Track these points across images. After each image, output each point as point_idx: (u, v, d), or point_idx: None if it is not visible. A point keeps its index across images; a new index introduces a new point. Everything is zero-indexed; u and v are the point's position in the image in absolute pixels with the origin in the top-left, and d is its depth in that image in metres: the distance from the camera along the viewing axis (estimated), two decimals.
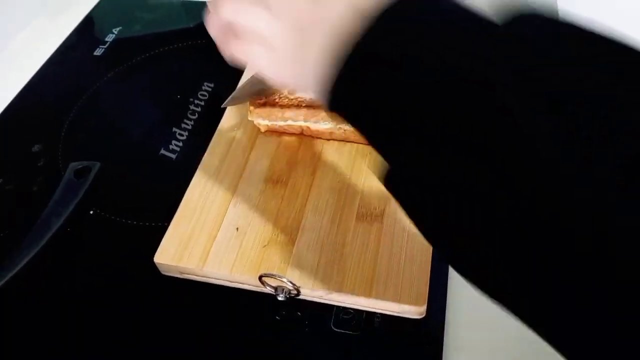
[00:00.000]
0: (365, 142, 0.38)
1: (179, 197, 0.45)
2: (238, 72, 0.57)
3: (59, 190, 0.47)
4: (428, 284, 0.37)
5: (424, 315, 0.37)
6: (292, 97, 0.47)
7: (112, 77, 0.61)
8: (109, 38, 0.66)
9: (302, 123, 0.46)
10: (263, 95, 0.46)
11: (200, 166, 0.47)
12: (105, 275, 0.42)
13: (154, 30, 0.67)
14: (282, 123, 0.47)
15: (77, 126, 0.55)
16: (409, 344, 0.37)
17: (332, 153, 0.47)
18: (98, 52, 0.64)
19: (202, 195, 0.44)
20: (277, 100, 0.46)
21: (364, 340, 0.37)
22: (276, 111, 0.46)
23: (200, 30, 0.65)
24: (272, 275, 0.38)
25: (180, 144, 0.52)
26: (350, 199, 0.43)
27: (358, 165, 0.45)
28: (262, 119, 0.47)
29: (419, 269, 0.38)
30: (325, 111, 0.25)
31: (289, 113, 0.46)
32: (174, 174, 0.50)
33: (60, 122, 0.56)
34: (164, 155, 0.51)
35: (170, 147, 0.52)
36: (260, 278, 0.38)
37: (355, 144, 0.47)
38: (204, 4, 0.30)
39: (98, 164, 0.50)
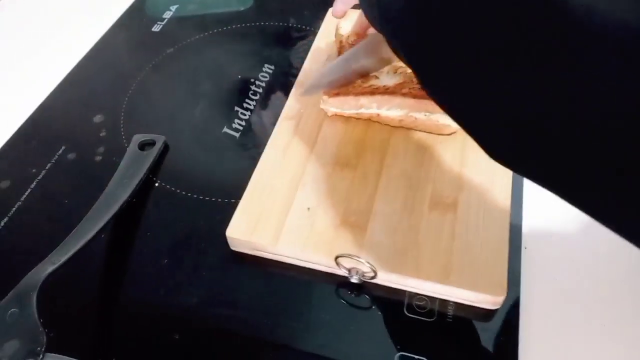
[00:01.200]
0: (436, 130, 0.43)
1: (244, 175, 0.45)
2: (296, 57, 0.58)
3: (124, 161, 0.47)
4: (506, 274, 0.37)
5: (500, 306, 0.37)
6: (365, 85, 0.46)
7: (171, 54, 0.61)
8: (167, 15, 0.66)
9: (374, 111, 0.46)
10: (341, 83, 0.46)
11: (268, 146, 0.47)
12: (172, 249, 0.42)
13: (209, 11, 0.67)
14: (353, 111, 0.47)
15: (137, 100, 0.55)
16: (484, 333, 0.37)
17: (400, 140, 0.46)
18: (156, 28, 0.64)
19: (271, 175, 0.44)
20: (350, 89, 0.46)
21: (439, 327, 0.37)
22: (350, 99, 0.46)
23: (254, 14, 0.67)
24: (350, 255, 0.38)
25: (243, 123, 0.52)
26: (422, 186, 0.43)
27: (428, 153, 0.45)
28: (335, 107, 0.47)
29: (496, 258, 0.38)
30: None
31: (363, 100, 0.45)
32: (237, 151, 0.50)
33: (121, 94, 0.56)
34: (227, 133, 0.51)
35: (234, 125, 0.52)
36: (336, 258, 0.38)
37: (425, 133, 0.46)
38: None
39: (163, 138, 0.50)
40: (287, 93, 0.52)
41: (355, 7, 0.51)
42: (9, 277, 0.36)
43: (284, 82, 0.56)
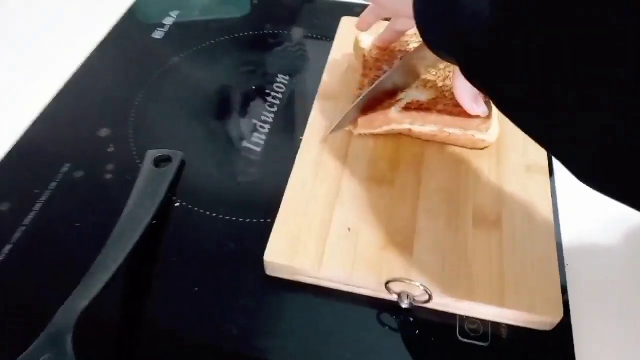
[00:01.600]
0: (469, 144, 0.45)
1: (272, 192, 0.42)
2: (314, 66, 0.55)
3: (140, 180, 0.44)
4: (561, 294, 0.36)
5: (554, 327, 0.36)
6: (394, 100, 0.45)
7: (177, 63, 0.57)
8: (167, 21, 0.62)
9: (405, 127, 0.44)
10: (370, 105, 0.45)
11: (297, 163, 0.44)
12: (203, 275, 0.39)
13: (210, 17, 0.64)
14: (384, 128, 0.45)
15: (146, 111, 0.52)
16: (541, 356, 0.36)
17: (434, 154, 0.45)
18: (157, 34, 0.60)
19: (304, 194, 0.42)
20: (377, 105, 0.44)
21: (494, 352, 0.36)
22: (380, 115, 0.44)
23: (258, 21, 0.64)
24: (403, 279, 0.36)
25: (264, 137, 0.49)
26: (463, 203, 0.41)
27: (464, 168, 0.44)
28: (364, 127, 0.45)
29: (548, 278, 0.37)
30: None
31: (394, 115, 0.43)
32: (261, 167, 0.47)
33: (127, 105, 0.52)
34: (247, 148, 0.48)
35: (253, 139, 0.49)
36: (386, 283, 0.36)
37: (458, 148, 0.45)
38: None
39: (180, 153, 0.46)
40: (306, 105, 0.50)
41: (385, 19, 0.49)
42: (18, 313, 0.32)
43: (301, 92, 0.54)
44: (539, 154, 0.45)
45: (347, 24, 0.58)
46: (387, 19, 0.49)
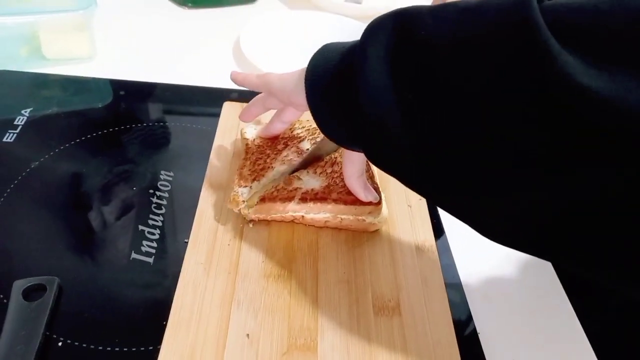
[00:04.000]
0: (361, 229, 0.46)
1: (169, 309, 0.38)
2: (198, 156, 0.52)
3: (8, 321, 0.35)
4: None
5: None
6: (290, 188, 0.44)
7: (36, 170, 0.48)
8: (20, 121, 0.53)
9: (299, 214, 0.44)
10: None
11: (184, 265, 0.41)
12: None
13: (68, 109, 0.56)
14: (278, 215, 0.44)
15: (3, 234, 0.42)
16: None
17: (328, 241, 0.45)
18: (8, 137, 0.51)
19: (195, 300, 0.38)
20: (275, 194, 0.43)
21: None
22: (278, 206, 0.43)
23: (125, 114, 0.58)
24: None
25: (154, 244, 0.43)
26: (362, 291, 0.41)
27: (359, 254, 0.44)
28: (260, 213, 0.43)
29: (450, 355, 0.37)
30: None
31: (292, 206, 0.43)
32: (156, 280, 0.41)
33: None
34: (137, 260, 0.42)
35: (143, 249, 0.43)
36: None
37: (351, 232, 0.46)
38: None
39: (55, 279, 0.39)
40: (197, 199, 0.47)
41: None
42: None
43: (191, 187, 0.49)
44: (428, 233, 0.47)
45: (229, 108, 0.57)
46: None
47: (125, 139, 0.54)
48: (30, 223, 0.44)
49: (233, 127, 0.54)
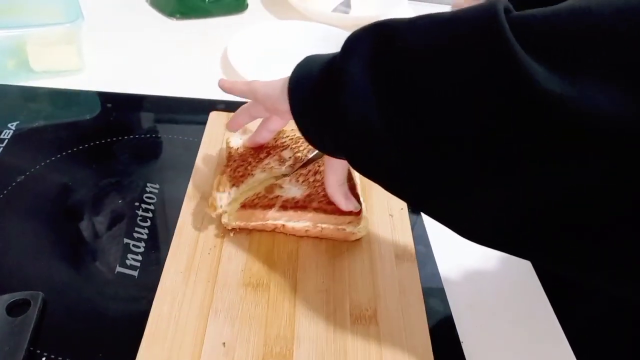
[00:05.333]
0: (341, 238, 0.46)
1: None
2: (183, 168, 0.52)
3: None
4: None
5: None
6: (271, 196, 0.44)
7: (22, 183, 0.49)
8: (6, 135, 0.53)
9: (280, 222, 0.44)
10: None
11: (163, 274, 0.41)
12: None
13: (55, 122, 0.56)
14: (259, 223, 0.44)
15: None
16: None
17: (309, 251, 0.45)
18: None
19: (173, 309, 0.39)
20: (256, 201, 0.44)
21: None
22: (258, 213, 0.43)
23: (117, 125, 0.57)
24: None
25: (139, 257, 0.43)
26: (340, 300, 0.41)
27: (338, 263, 0.44)
28: (240, 221, 0.44)
29: None
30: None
31: (273, 214, 0.43)
32: (139, 294, 0.41)
33: None
34: (122, 273, 0.42)
35: (128, 262, 0.43)
36: None
37: (331, 241, 0.46)
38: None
39: (40, 294, 0.39)
40: (176, 216, 0.46)
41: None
42: None
43: (176, 199, 0.48)
44: (408, 242, 0.47)
45: (215, 118, 0.57)
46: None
47: (112, 151, 0.54)
48: (15, 237, 0.44)
49: (219, 137, 0.55)
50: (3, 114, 0.57)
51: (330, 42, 0.74)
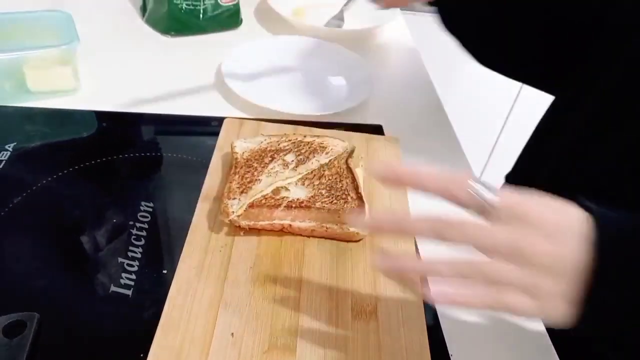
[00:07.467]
0: (346, 238, 0.48)
1: (147, 342, 0.38)
2: (176, 191, 0.53)
3: None
4: None
5: None
6: (278, 197, 0.47)
7: (20, 204, 0.50)
8: (3, 156, 0.54)
9: (287, 222, 0.47)
10: None
11: (178, 270, 0.44)
12: None
13: (52, 140, 0.58)
14: (267, 222, 0.47)
15: None
16: None
17: (314, 251, 0.48)
18: None
19: (186, 301, 0.42)
20: (263, 201, 0.47)
21: None
22: (265, 212, 0.46)
23: (108, 144, 0.58)
24: None
25: (133, 276, 0.44)
26: (342, 296, 0.44)
27: (342, 262, 0.47)
28: (249, 220, 0.47)
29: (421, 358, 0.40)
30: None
31: (279, 213, 0.46)
32: (134, 314, 0.42)
33: None
34: (116, 292, 0.43)
35: (122, 281, 0.44)
36: None
37: (335, 241, 0.48)
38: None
39: (36, 316, 0.39)
40: (174, 233, 0.48)
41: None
42: None
43: (170, 217, 0.50)
44: (409, 241, 0.49)
45: (229, 125, 0.61)
46: None
47: (107, 170, 0.55)
48: (11, 258, 0.45)
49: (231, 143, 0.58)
50: (1, 135, 0.57)
51: (325, 56, 0.77)
